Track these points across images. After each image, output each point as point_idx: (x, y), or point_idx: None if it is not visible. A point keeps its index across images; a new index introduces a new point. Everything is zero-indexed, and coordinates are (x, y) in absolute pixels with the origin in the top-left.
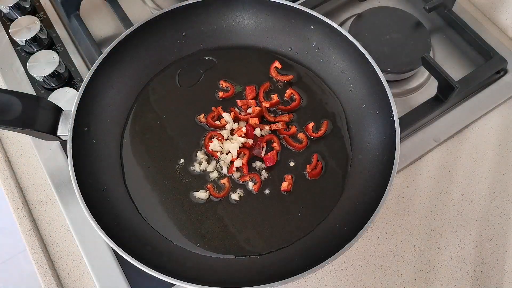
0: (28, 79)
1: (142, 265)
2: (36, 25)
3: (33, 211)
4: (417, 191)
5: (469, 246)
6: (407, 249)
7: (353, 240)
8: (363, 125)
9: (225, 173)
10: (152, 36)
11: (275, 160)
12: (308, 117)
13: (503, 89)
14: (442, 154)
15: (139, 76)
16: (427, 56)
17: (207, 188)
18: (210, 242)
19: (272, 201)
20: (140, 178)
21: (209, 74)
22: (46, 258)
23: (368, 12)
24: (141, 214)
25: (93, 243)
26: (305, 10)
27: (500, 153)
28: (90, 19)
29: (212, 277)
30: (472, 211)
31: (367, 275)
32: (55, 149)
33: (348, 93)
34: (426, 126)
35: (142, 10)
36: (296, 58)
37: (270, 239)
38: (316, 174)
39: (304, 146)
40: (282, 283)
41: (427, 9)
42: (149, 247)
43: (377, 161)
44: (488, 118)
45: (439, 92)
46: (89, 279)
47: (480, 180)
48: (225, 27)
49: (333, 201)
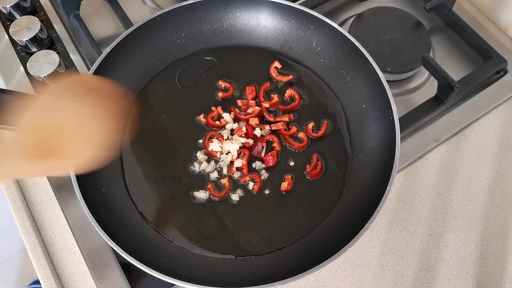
0: (28, 79)
1: (142, 265)
2: (36, 25)
3: (33, 211)
4: (417, 191)
5: (469, 246)
6: (407, 249)
7: (353, 240)
8: (363, 125)
9: (225, 173)
10: (152, 36)
11: (275, 160)
12: (308, 117)
13: (503, 89)
14: (442, 154)
15: (139, 76)
16: (427, 56)
17: (207, 188)
18: (210, 242)
19: (272, 201)
20: (140, 178)
21: (209, 74)
22: (46, 258)
23: (368, 12)
24: (141, 214)
25: (93, 243)
26: (305, 10)
27: (500, 153)
28: (90, 19)
29: (212, 277)
30: (472, 211)
31: (367, 275)
32: None
33: (348, 93)
34: (426, 126)
35: (142, 10)
36: (296, 58)
37: (270, 239)
38: (316, 174)
39: (304, 145)
40: (282, 283)
41: (427, 9)
42: (149, 247)
43: (377, 161)
44: (488, 118)
45: (439, 92)
46: (89, 279)
47: (480, 180)
48: (225, 27)
49: (333, 201)
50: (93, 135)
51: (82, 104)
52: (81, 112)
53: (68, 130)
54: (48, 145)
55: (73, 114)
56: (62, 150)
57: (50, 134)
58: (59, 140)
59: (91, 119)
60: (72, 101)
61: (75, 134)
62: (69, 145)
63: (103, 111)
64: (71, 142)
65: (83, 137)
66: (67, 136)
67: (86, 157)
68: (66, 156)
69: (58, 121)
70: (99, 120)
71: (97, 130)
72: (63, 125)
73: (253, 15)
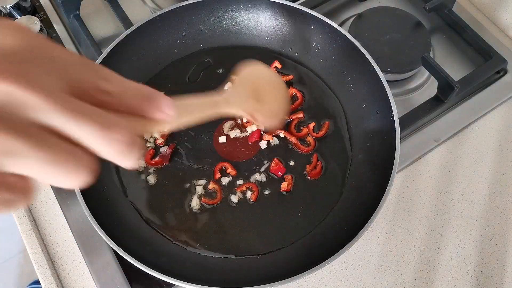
0: None
1: (142, 265)
2: (36, 25)
3: (33, 211)
4: (417, 191)
5: (469, 246)
6: (407, 249)
7: (353, 240)
8: (363, 125)
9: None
10: (152, 36)
11: (283, 168)
12: (308, 117)
13: (503, 89)
14: (442, 154)
15: (139, 76)
16: (427, 56)
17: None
18: (210, 242)
19: (272, 201)
20: (140, 177)
21: (209, 74)
22: (46, 258)
23: (368, 12)
24: (141, 214)
25: (93, 243)
26: (305, 10)
27: (500, 153)
28: (90, 19)
29: (212, 277)
30: (472, 211)
31: (367, 275)
32: None
33: (348, 93)
34: (426, 126)
35: (142, 10)
36: (296, 58)
37: (270, 239)
38: (316, 174)
39: (311, 149)
40: (282, 283)
41: (427, 9)
42: (149, 247)
43: (377, 161)
44: (488, 118)
45: (439, 92)
46: (89, 279)
47: (480, 180)
48: (225, 27)
49: (333, 201)
50: (284, 103)
51: (277, 79)
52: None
53: (270, 92)
54: (259, 97)
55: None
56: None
57: (260, 90)
58: (268, 97)
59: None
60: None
61: (274, 97)
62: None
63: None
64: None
65: (279, 101)
66: (270, 96)
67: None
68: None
69: (264, 83)
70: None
71: (285, 100)
72: (268, 87)
73: (253, 15)
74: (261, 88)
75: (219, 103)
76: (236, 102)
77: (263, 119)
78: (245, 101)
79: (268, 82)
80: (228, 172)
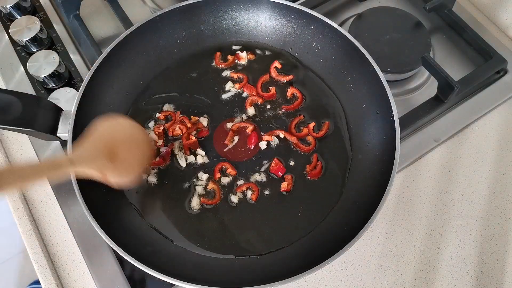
0: (28, 79)
1: (142, 265)
2: (36, 25)
3: (33, 211)
4: (417, 191)
5: (469, 246)
6: (407, 249)
7: (353, 240)
8: (363, 125)
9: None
10: (152, 36)
11: (283, 168)
12: (308, 117)
13: (503, 89)
14: (442, 154)
15: (139, 76)
16: (427, 56)
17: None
18: (210, 242)
19: (272, 201)
20: (139, 177)
21: (209, 74)
22: (46, 258)
23: (368, 12)
24: (141, 214)
25: (93, 243)
26: (305, 10)
27: (500, 153)
28: (90, 19)
29: (212, 277)
30: (472, 211)
31: (367, 275)
32: (55, 149)
33: (348, 93)
34: (426, 126)
35: (142, 10)
36: (296, 58)
37: (270, 239)
38: (316, 174)
39: (312, 148)
40: (282, 283)
41: (427, 9)
42: (149, 247)
43: (377, 161)
44: (488, 118)
45: (439, 92)
46: (89, 279)
47: (480, 180)
48: (225, 27)
49: (333, 201)
50: (141, 158)
51: (138, 133)
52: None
53: (126, 148)
54: (113, 154)
55: (130, 138)
56: (123, 162)
57: (115, 146)
58: (123, 154)
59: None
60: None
61: (131, 152)
62: (126, 160)
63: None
64: (129, 158)
65: (136, 156)
66: (125, 152)
67: (133, 174)
68: (123, 168)
69: (121, 139)
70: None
71: (144, 155)
72: (124, 143)
73: (253, 15)
74: (117, 143)
75: (62, 164)
76: (85, 161)
77: (114, 178)
78: (95, 160)
79: (126, 136)
80: (228, 172)
